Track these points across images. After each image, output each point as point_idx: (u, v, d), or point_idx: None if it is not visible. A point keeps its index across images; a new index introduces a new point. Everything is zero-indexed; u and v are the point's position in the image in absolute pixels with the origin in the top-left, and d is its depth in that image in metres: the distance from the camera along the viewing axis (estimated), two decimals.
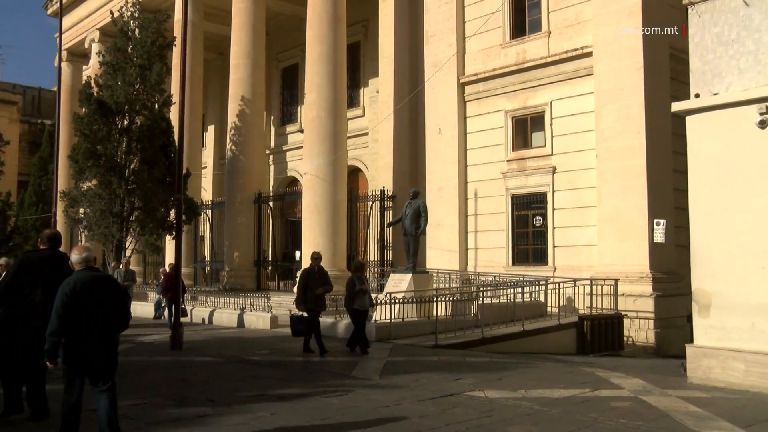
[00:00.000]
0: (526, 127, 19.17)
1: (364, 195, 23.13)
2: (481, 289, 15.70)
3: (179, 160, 14.50)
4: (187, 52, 14.96)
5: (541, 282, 16.04)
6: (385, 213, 21.65)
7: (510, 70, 19.27)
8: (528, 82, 18.93)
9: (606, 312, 15.58)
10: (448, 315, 14.11)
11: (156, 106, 22.80)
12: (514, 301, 14.92)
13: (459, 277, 19.26)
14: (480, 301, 14.50)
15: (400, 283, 15.56)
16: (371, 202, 22.39)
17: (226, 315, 18.05)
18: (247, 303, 18.16)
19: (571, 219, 17.75)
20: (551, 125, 18.34)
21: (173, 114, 22.56)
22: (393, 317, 13.60)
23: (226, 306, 18.82)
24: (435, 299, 14.34)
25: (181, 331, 12.72)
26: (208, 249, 29.86)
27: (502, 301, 15.28)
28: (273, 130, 30.60)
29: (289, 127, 29.82)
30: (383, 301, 13.72)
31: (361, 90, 26.43)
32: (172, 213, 20.98)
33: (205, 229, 29.57)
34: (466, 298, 15.36)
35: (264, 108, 26.62)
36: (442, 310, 14.05)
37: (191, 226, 25.95)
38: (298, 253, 24.07)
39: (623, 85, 16.46)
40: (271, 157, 30.22)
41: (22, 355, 6.63)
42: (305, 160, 21.54)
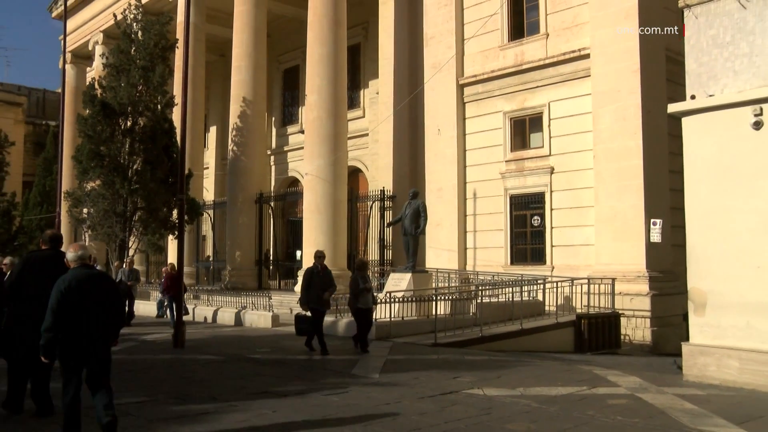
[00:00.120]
0: (525, 128, 19.17)
1: (365, 195, 23.15)
2: (479, 288, 15.73)
3: (181, 160, 14.51)
4: (190, 54, 14.99)
5: (539, 281, 16.05)
6: (385, 213, 21.66)
7: (508, 72, 19.28)
8: (526, 83, 18.94)
9: (603, 311, 15.58)
10: (447, 314, 14.13)
11: (159, 108, 22.79)
12: (512, 300, 14.93)
13: (458, 276, 19.28)
14: (479, 300, 14.52)
15: (399, 282, 15.57)
16: (371, 202, 22.40)
17: (228, 314, 18.06)
18: (249, 302, 18.18)
19: (569, 219, 17.76)
20: (549, 126, 18.35)
21: (176, 115, 22.57)
22: (393, 316, 13.61)
23: (227, 305, 18.84)
24: (434, 298, 14.34)
25: (183, 330, 12.73)
26: (210, 248, 29.89)
27: (500, 300, 15.28)
28: (274, 130, 30.62)
29: (290, 128, 29.83)
30: (383, 300, 13.73)
31: (362, 91, 26.44)
32: (175, 213, 21.02)
33: (207, 228, 29.59)
34: (465, 297, 15.37)
35: (265, 109, 26.62)
36: (441, 309, 14.06)
37: (193, 226, 25.96)
38: (299, 253, 24.07)
39: (620, 86, 16.47)
40: (272, 157, 30.23)
41: (25, 354, 6.66)
42: (306, 161, 21.55)
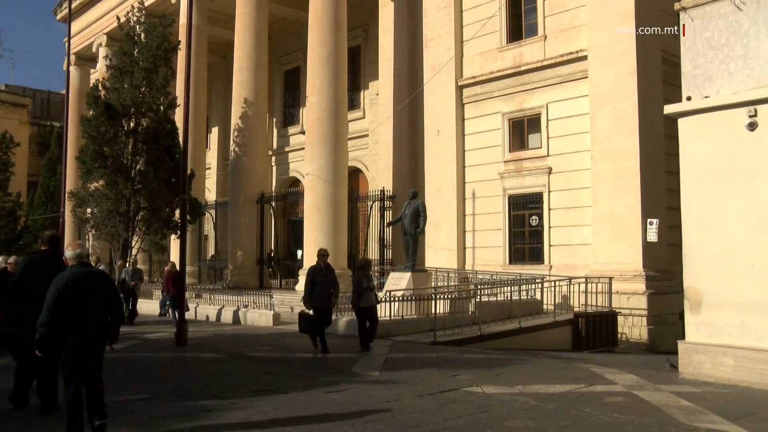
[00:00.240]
0: (523, 129, 19.18)
1: (365, 195, 23.17)
2: (478, 287, 15.74)
3: (184, 161, 14.52)
4: (192, 56, 14.97)
5: (537, 280, 16.08)
6: (385, 213, 21.67)
7: (507, 73, 19.28)
8: (524, 84, 18.95)
9: (600, 309, 15.60)
10: (446, 312, 14.12)
11: (161, 109, 22.83)
12: (510, 298, 14.96)
13: (457, 275, 19.29)
14: (478, 299, 14.52)
15: (399, 281, 15.59)
16: (371, 202, 22.42)
17: (230, 312, 18.08)
18: (250, 301, 18.19)
19: (567, 219, 17.77)
20: (547, 127, 18.36)
21: (178, 116, 22.58)
22: (392, 314, 13.63)
23: (229, 304, 18.85)
24: (434, 297, 14.34)
25: (185, 328, 12.74)
26: (212, 248, 29.90)
27: (499, 298, 15.30)
28: (275, 131, 30.63)
29: (291, 129, 29.84)
30: (383, 298, 13.74)
31: (362, 92, 26.45)
32: (177, 213, 21.01)
33: (209, 228, 29.62)
34: (464, 296, 15.38)
35: (266, 110, 26.62)
36: (440, 308, 14.06)
37: (195, 226, 25.98)
38: (299, 252, 24.10)
39: (617, 88, 16.49)
40: (273, 158, 30.24)
41: (25, 353, 6.75)
42: (307, 161, 21.56)
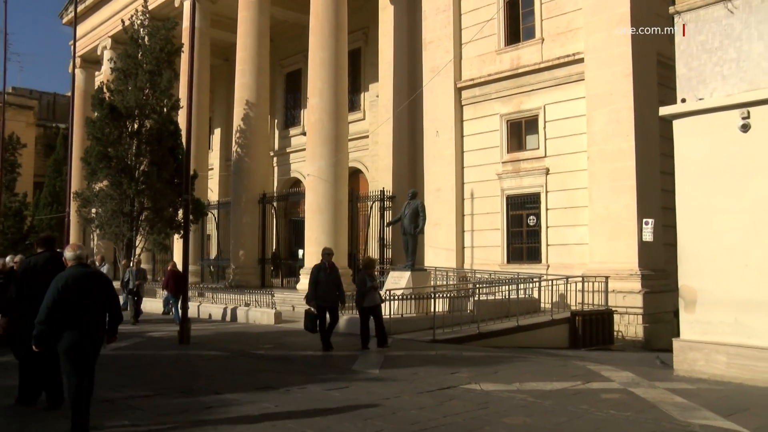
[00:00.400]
0: (521, 130, 19.19)
1: (365, 195, 23.17)
2: (477, 286, 15.72)
3: (187, 161, 14.53)
4: (195, 58, 14.99)
5: (534, 279, 16.09)
6: (385, 213, 21.67)
7: (505, 76, 19.29)
8: (522, 86, 18.96)
9: (597, 308, 15.61)
10: (445, 311, 14.12)
11: (165, 110, 22.84)
12: (508, 297, 14.96)
13: (456, 274, 19.29)
14: (476, 298, 14.52)
15: (399, 280, 15.59)
16: (371, 202, 22.42)
17: (232, 311, 18.09)
18: (252, 299, 18.21)
19: (564, 218, 17.78)
20: (544, 128, 18.37)
21: (181, 118, 22.55)
22: (392, 313, 13.61)
23: (231, 302, 18.86)
24: (433, 296, 14.33)
25: (188, 326, 12.75)
26: (214, 247, 29.90)
27: (497, 297, 15.31)
28: (277, 132, 30.63)
29: (293, 130, 29.84)
30: (383, 297, 13.71)
31: (362, 94, 26.45)
32: (180, 213, 21.01)
33: (211, 228, 29.61)
34: (463, 295, 15.38)
35: (268, 112, 26.63)
36: (439, 307, 14.07)
37: (198, 226, 25.96)
38: (301, 252, 24.09)
39: (613, 90, 16.49)
40: (275, 158, 30.24)
41: (25, 353, 6.84)
42: (308, 162, 21.56)
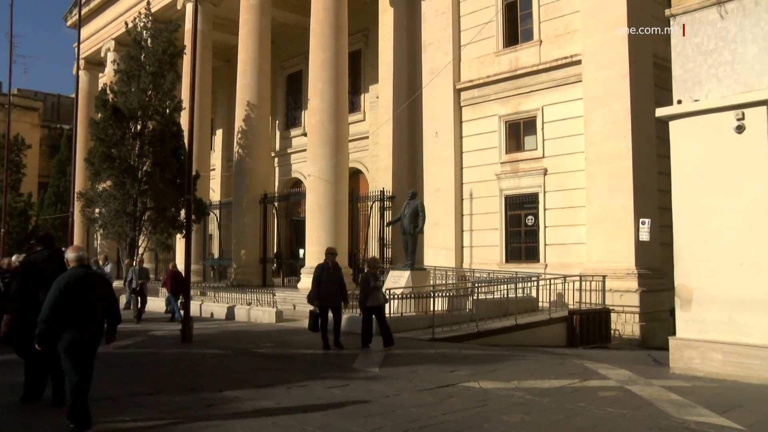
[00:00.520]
0: (519, 131, 19.21)
1: (365, 195, 23.17)
2: (476, 285, 15.72)
3: (189, 162, 14.53)
4: (197, 60, 15.01)
5: (533, 278, 16.09)
6: (385, 213, 21.68)
7: (503, 77, 19.31)
8: (520, 88, 18.97)
9: (594, 307, 15.62)
10: (444, 310, 14.14)
11: (167, 112, 22.85)
12: (507, 296, 14.95)
13: (455, 273, 19.29)
14: (475, 297, 14.50)
15: (399, 279, 15.60)
16: (371, 203, 22.43)
17: (234, 310, 18.10)
18: (254, 298, 18.20)
19: (562, 218, 17.79)
20: (542, 129, 18.38)
21: (183, 119, 22.59)
22: (392, 312, 13.60)
23: (233, 301, 18.84)
24: (432, 295, 14.36)
25: (190, 325, 12.75)
26: (216, 247, 29.91)
27: (496, 296, 15.31)
28: (278, 133, 30.62)
29: (294, 131, 29.84)
30: (386, 297, 13.69)
31: (362, 95, 26.45)
32: (183, 213, 21.04)
33: (213, 228, 29.61)
34: (462, 294, 15.37)
35: (269, 113, 26.64)
36: (438, 305, 14.08)
37: (200, 226, 25.97)
38: (301, 251, 24.11)
39: (610, 91, 16.51)
40: (276, 159, 30.23)
41: (25, 351, 6.90)
42: (309, 162, 21.57)
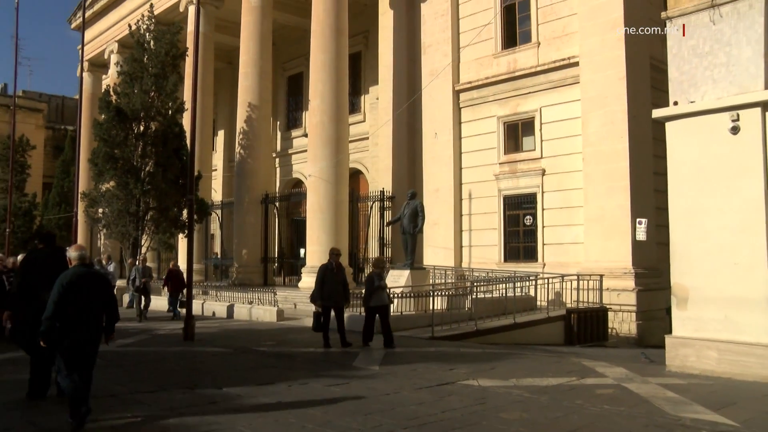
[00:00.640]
0: (517, 132, 19.22)
1: (365, 196, 23.19)
2: (474, 284, 15.73)
3: (191, 162, 14.55)
4: (199, 62, 15.03)
5: (531, 277, 16.10)
6: (385, 213, 21.69)
7: (502, 79, 19.32)
8: (519, 89, 18.98)
9: (591, 305, 15.64)
10: (443, 309, 14.15)
11: (169, 113, 22.84)
12: (505, 295, 14.97)
13: (454, 273, 19.30)
14: (474, 296, 14.54)
15: (398, 278, 15.60)
16: (371, 203, 22.44)
17: (235, 308, 18.11)
18: (255, 297, 18.21)
19: (560, 218, 17.80)
20: (541, 130, 18.39)
21: (186, 120, 22.62)
22: (392, 311, 13.58)
23: (235, 300, 18.87)
24: (431, 294, 14.39)
25: (192, 324, 12.76)
26: (218, 246, 29.92)
27: (494, 295, 15.33)
28: (279, 134, 30.63)
29: (294, 132, 29.85)
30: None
31: (362, 97, 26.46)
32: (185, 212, 21.06)
33: (215, 227, 29.62)
34: (461, 293, 15.37)
35: (270, 114, 26.66)
36: (438, 304, 14.10)
37: (202, 225, 26.00)
38: (302, 251, 24.11)
39: (607, 93, 16.52)
40: (277, 159, 30.24)
41: (26, 346, 6.99)
42: (309, 163, 21.58)
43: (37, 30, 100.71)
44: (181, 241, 24.30)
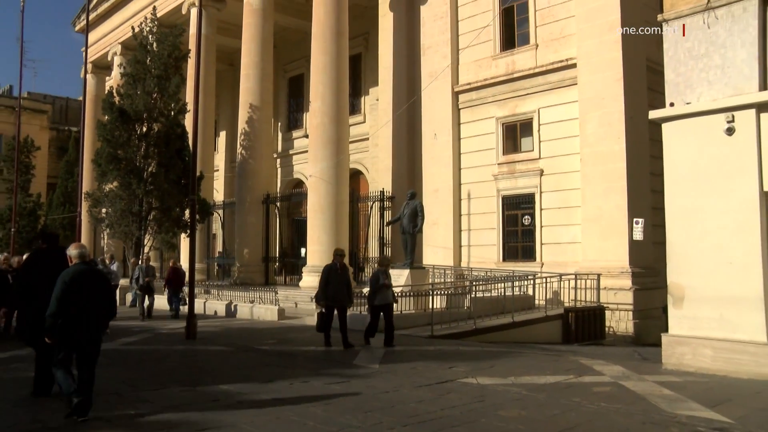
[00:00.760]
0: (516, 133, 19.22)
1: (365, 196, 23.21)
2: (473, 283, 15.73)
3: (193, 163, 14.57)
4: (201, 64, 15.01)
5: (529, 277, 16.10)
6: (385, 213, 21.70)
7: (500, 80, 19.32)
8: (517, 91, 18.99)
9: (589, 304, 15.65)
10: (443, 307, 14.17)
11: (172, 114, 22.89)
12: (504, 294, 14.97)
13: (453, 272, 19.31)
14: (473, 295, 14.54)
15: (398, 278, 15.59)
16: (371, 203, 22.45)
17: (237, 307, 18.12)
18: (257, 296, 18.23)
19: (558, 218, 17.81)
20: (539, 131, 18.40)
21: (188, 121, 22.63)
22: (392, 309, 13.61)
23: (236, 299, 18.88)
24: (431, 293, 14.39)
25: (194, 322, 12.76)
26: (220, 246, 29.94)
27: (493, 294, 15.32)
28: (280, 135, 30.66)
29: (295, 133, 29.87)
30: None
31: (362, 98, 26.48)
32: (187, 212, 21.07)
33: (217, 227, 29.64)
34: (460, 292, 15.39)
35: (272, 115, 26.67)
36: (437, 303, 14.12)
37: (204, 225, 26.01)
38: (303, 250, 24.13)
39: (605, 94, 16.54)
40: (278, 160, 30.26)
41: (27, 341, 7.02)
42: (310, 164, 21.60)
43: (42, 32, 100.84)
44: (183, 241, 24.34)
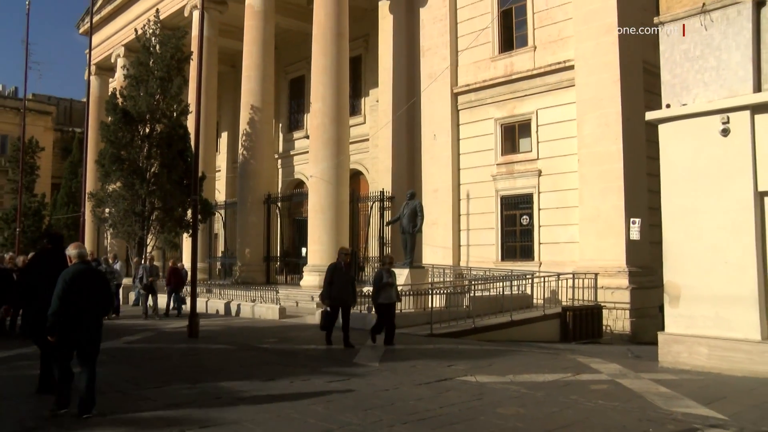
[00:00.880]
0: (514, 134, 19.23)
1: (365, 196, 23.21)
2: (472, 282, 15.74)
3: (195, 164, 14.59)
4: (203, 66, 15.03)
5: (527, 276, 16.11)
6: (384, 212, 21.71)
7: (499, 82, 19.33)
8: (515, 92, 19.00)
9: (586, 303, 15.65)
10: (442, 306, 14.15)
11: (174, 115, 22.90)
12: (502, 293, 14.98)
13: (452, 271, 19.31)
14: (472, 294, 14.54)
15: (398, 277, 15.35)
16: (371, 203, 22.46)
17: (238, 306, 18.13)
18: (258, 296, 18.24)
19: (556, 218, 17.83)
20: (537, 132, 18.41)
21: (190, 122, 22.56)
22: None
23: (238, 298, 18.89)
24: (430, 292, 14.37)
25: (196, 321, 12.77)
26: (221, 246, 29.95)
27: (492, 293, 15.32)
28: (281, 136, 30.67)
29: (296, 134, 29.89)
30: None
31: (363, 99, 26.49)
32: (189, 212, 21.08)
33: (219, 227, 29.67)
34: (459, 291, 15.39)
35: (273, 116, 26.67)
36: (436, 302, 14.10)
37: (206, 225, 26.02)
38: (304, 250, 24.15)
39: (602, 95, 16.55)
40: (279, 161, 30.28)
41: (39, 340, 6.99)
42: (311, 164, 21.61)
43: (47, 35, 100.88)
44: (186, 241, 24.35)
